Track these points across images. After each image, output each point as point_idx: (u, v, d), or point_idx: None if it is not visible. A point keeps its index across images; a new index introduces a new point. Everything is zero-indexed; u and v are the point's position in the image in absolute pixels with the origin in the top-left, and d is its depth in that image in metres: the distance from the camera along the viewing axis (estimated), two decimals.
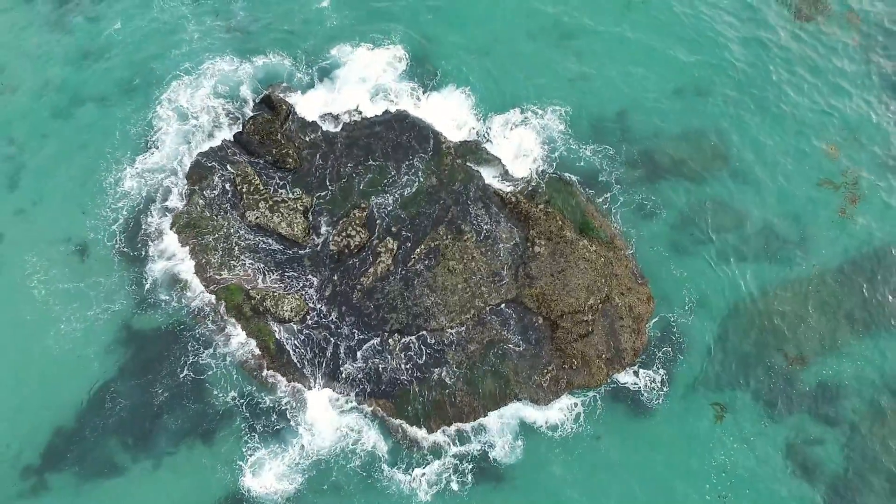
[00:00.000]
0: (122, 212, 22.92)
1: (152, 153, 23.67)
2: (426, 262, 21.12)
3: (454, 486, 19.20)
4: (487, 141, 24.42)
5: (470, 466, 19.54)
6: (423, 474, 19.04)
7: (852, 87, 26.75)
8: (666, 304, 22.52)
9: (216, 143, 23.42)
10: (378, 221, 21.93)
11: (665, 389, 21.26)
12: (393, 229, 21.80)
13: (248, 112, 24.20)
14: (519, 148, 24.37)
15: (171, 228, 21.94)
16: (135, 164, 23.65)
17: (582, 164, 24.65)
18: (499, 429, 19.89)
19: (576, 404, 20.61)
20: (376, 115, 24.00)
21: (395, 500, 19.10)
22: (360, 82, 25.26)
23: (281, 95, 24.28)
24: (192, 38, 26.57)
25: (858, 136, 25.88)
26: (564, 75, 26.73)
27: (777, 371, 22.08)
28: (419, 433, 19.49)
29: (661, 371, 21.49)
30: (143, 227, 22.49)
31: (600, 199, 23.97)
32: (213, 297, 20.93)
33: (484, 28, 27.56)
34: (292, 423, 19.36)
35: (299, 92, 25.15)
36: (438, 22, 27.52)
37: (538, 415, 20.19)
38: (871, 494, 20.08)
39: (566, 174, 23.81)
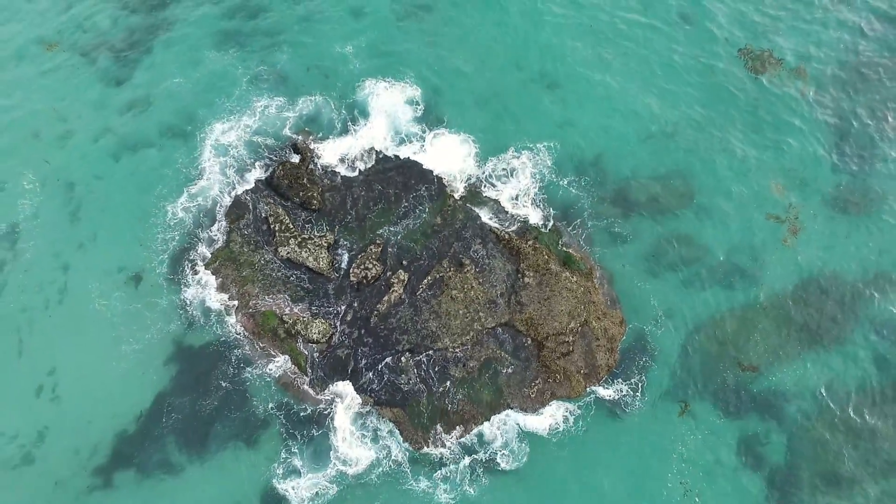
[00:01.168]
0: (171, 244, 26.61)
1: (197, 192, 27.36)
2: (432, 291, 24.89)
3: (467, 478, 23.03)
4: (484, 182, 28.26)
5: (477, 463, 23.37)
6: (440, 474, 22.79)
7: (798, 133, 30.65)
8: (639, 321, 26.40)
9: (251, 185, 27.17)
10: (390, 256, 25.71)
11: (638, 395, 25.11)
12: (403, 262, 25.57)
13: (281, 156, 28.01)
14: (511, 188, 28.22)
15: (213, 261, 25.64)
16: (182, 201, 27.32)
17: (566, 200, 28.51)
18: (504, 431, 23.73)
19: (568, 409, 24.49)
20: (389, 160, 27.79)
21: (414, 494, 22.90)
22: (377, 127, 29.10)
23: (306, 142, 28.06)
24: (235, 86, 30.24)
25: (801, 175, 29.78)
26: (551, 121, 30.55)
27: (732, 378, 25.94)
28: (427, 437, 23.25)
29: (635, 379, 25.36)
30: (189, 258, 26.20)
31: (581, 232, 27.91)
32: (251, 320, 24.63)
33: (481, 78, 31.35)
34: (322, 430, 23.08)
35: (321, 135, 28.96)
36: (443, 71, 31.28)
37: (537, 419, 24.05)
38: (805, 486, 23.96)
39: (550, 216, 27.68)
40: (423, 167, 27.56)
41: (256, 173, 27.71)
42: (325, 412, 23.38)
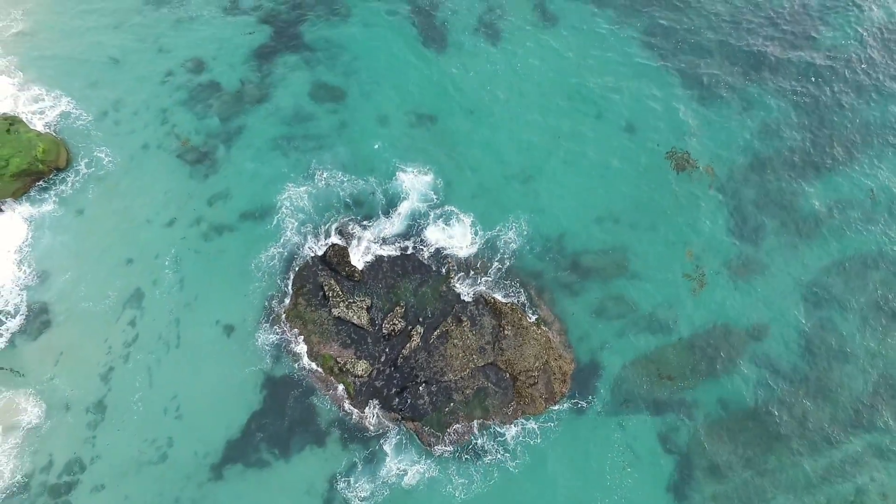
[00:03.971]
0: (254, 303, 37.19)
1: (272, 265, 37.95)
2: (440, 340, 35.62)
3: (467, 469, 33.89)
4: (479, 257, 39.03)
5: (471, 458, 34.18)
6: (449, 469, 33.66)
7: (706, 215, 41.51)
8: (586, 357, 37.24)
9: (310, 261, 37.78)
10: (410, 314, 36.41)
11: (586, 407, 35.94)
12: (420, 319, 36.30)
13: (332, 239, 38.64)
14: (497, 259, 39.04)
15: (286, 317, 36.27)
16: (259, 271, 37.92)
17: (535, 268, 39.37)
18: (489, 438, 34.52)
19: (533, 422, 35.33)
20: (410, 241, 38.49)
21: (432, 488, 33.60)
22: (401, 213, 39.67)
23: (348, 227, 38.68)
24: (293, 179, 40.52)
25: (707, 246, 40.67)
26: (527, 208, 41.32)
27: (655, 388, 36.70)
28: (436, 442, 34.03)
29: (583, 399, 36.19)
30: (269, 314, 36.81)
31: (544, 292, 38.72)
32: (316, 360, 35.29)
33: (476, 173, 41.97)
34: (367, 437, 33.85)
35: (360, 218, 39.57)
36: (449, 167, 41.85)
37: (512, 429, 34.84)
38: (698, 466, 34.73)
39: (521, 286, 38.45)
40: (436, 244, 38.30)
41: (315, 250, 38.37)
42: (370, 425, 34.13)
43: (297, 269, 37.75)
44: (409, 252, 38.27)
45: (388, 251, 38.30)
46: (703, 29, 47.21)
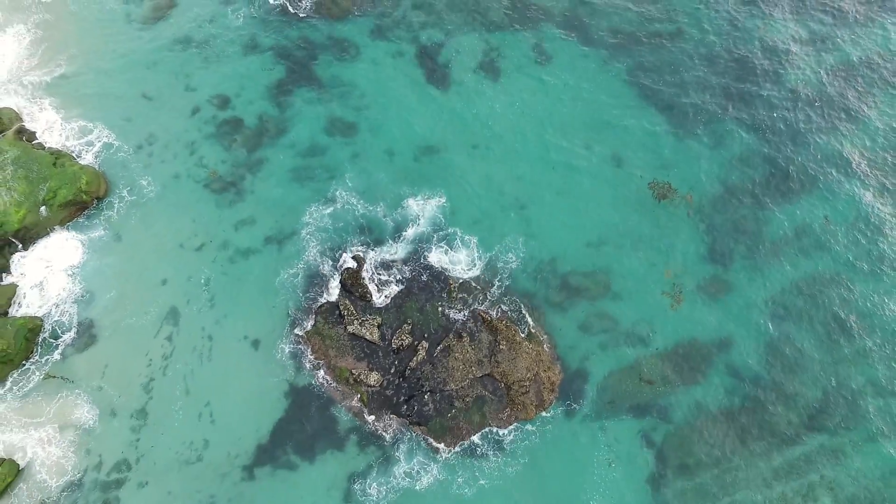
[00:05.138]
0: (278, 320, 41.71)
1: (293, 284, 42.44)
2: (443, 354, 40.22)
3: (470, 465, 38.51)
4: (480, 279, 43.59)
5: (474, 456, 38.81)
6: (453, 467, 38.31)
7: (683, 239, 46.13)
8: (572, 367, 41.89)
9: (326, 283, 42.30)
10: (417, 331, 40.97)
11: (575, 410, 40.53)
12: (425, 335, 40.90)
13: (346, 263, 43.19)
14: (495, 280, 43.65)
15: (307, 335, 40.81)
16: (282, 290, 42.42)
17: (528, 288, 43.99)
18: (487, 439, 39.17)
19: (526, 426, 39.98)
20: (415, 264, 43.03)
21: (439, 486, 38.26)
22: (408, 238, 44.22)
23: (360, 252, 43.22)
24: (311, 206, 44.96)
25: (684, 266, 45.32)
26: (523, 233, 45.86)
27: (637, 393, 41.34)
28: (441, 444, 38.64)
29: (570, 405, 40.85)
30: (291, 330, 41.33)
31: (536, 310, 43.32)
32: (333, 372, 39.85)
33: (478, 202, 46.48)
34: (380, 441, 38.45)
35: (371, 243, 44.15)
36: (455, 196, 46.25)
37: (507, 432, 39.50)
38: (672, 462, 39.46)
39: (516, 304, 43.06)
40: (438, 269, 42.89)
41: (331, 272, 42.88)
42: (382, 430, 38.73)
43: (315, 289, 42.31)
44: (415, 274, 42.84)
45: (397, 273, 42.87)
46: (681, 68, 51.82)
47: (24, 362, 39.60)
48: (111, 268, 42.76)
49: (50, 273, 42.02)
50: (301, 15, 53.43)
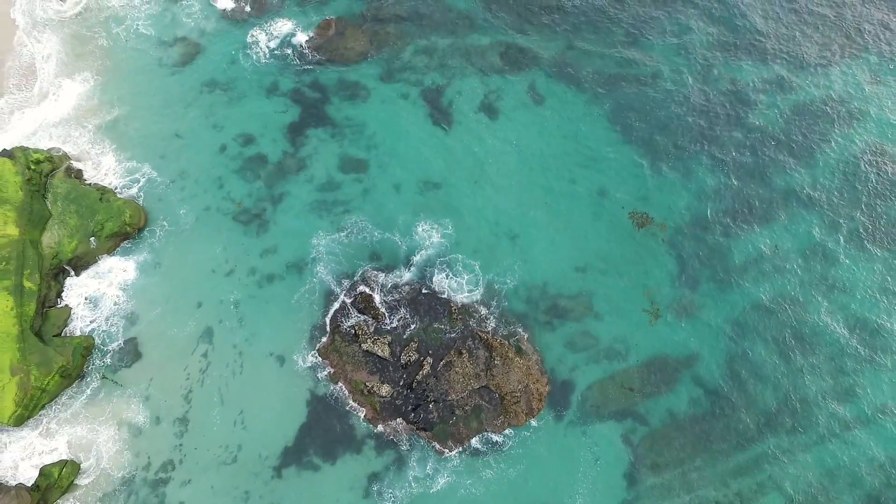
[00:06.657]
0: (300, 338, 47.45)
1: (313, 306, 48.23)
2: (445, 368, 46.07)
3: (470, 465, 44.46)
4: (479, 302, 49.36)
5: (472, 457, 44.74)
6: (455, 466, 44.24)
7: (658, 263, 51.99)
8: (558, 379, 47.80)
9: (342, 305, 48.04)
10: (422, 348, 46.80)
11: (562, 416, 46.48)
12: (430, 351, 46.74)
13: (360, 287, 48.96)
14: (493, 302, 49.48)
15: (325, 351, 46.61)
16: (303, 311, 48.18)
17: (521, 309, 49.81)
18: (483, 442, 45.09)
19: (517, 432, 45.93)
20: (422, 287, 48.81)
21: (445, 485, 44.17)
22: (415, 264, 49.99)
23: (372, 276, 48.98)
24: (327, 237, 50.89)
25: (657, 288, 51.21)
26: (517, 259, 51.65)
27: (617, 400, 47.27)
28: (444, 447, 44.54)
29: (557, 412, 46.77)
30: (312, 347, 47.10)
31: (526, 329, 49.14)
32: (348, 384, 45.68)
33: (478, 232, 52.20)
34: (392, 445, 44.32)
35: (382, 269, 49.93)
36: (457, 227, 52.02)
37: (501, 437, 45.42)
38: (646, 463, 45.49)
39: (509, 324, 48.91)
40: (441, 293, 48.70)
41: (346, 296, 48.67)
42: (392, 436, 44.57)
43: (332, 312, 48.12)
44: (421, 297, 48.66)
45: (405, 296, 48.67)
46: (659, 108, 57.51)
47: (80, 373, 45.50)
48: (154, 289, 48.51)
49: (100, 294, 47.77)
50: (313, 59, 58.95)
